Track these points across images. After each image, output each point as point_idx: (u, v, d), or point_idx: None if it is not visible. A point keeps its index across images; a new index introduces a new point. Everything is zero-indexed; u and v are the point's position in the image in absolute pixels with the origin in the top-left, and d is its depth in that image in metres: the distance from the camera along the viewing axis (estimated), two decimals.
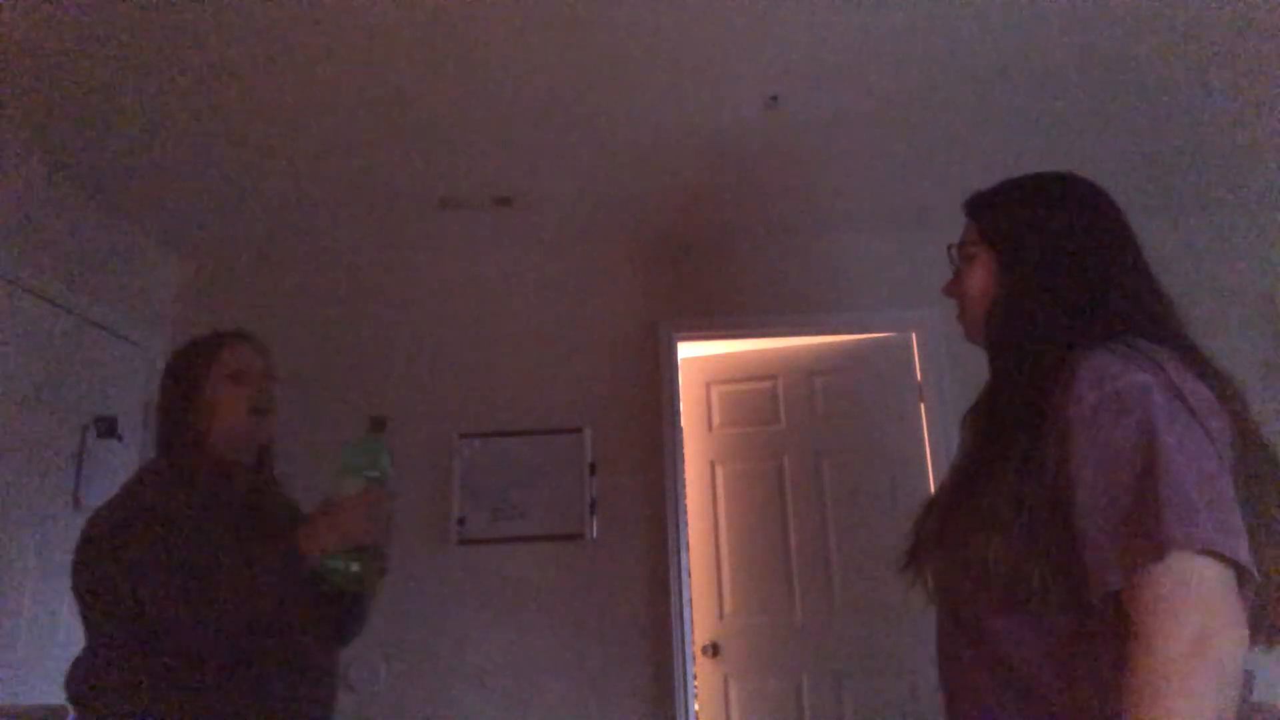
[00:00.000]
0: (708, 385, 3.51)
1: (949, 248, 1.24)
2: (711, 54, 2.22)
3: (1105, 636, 0.92)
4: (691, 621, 3.25)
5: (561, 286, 3.39)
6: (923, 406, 3.27)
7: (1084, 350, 1.00)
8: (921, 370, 3.29)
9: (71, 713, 1.47)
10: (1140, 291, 1.08)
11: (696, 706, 3.24)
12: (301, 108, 2.39)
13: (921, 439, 3.25)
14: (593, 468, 3.17)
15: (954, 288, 1.23)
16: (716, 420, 3.48)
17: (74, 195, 2.77)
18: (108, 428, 2.83)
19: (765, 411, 3.44)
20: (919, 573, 1.17)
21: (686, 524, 3.24)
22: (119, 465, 2.96)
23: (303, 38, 2.10)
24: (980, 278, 1.17)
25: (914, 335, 3.32)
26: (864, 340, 3.41)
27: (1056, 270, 1.09)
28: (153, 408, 1.63)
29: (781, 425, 3.43)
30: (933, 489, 3.16)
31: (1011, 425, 1.01)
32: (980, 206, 1.20)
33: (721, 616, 3.33)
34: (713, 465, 3.44)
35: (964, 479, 1.07)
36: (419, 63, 2.21)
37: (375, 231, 3.17)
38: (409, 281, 3.36)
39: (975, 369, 3.70)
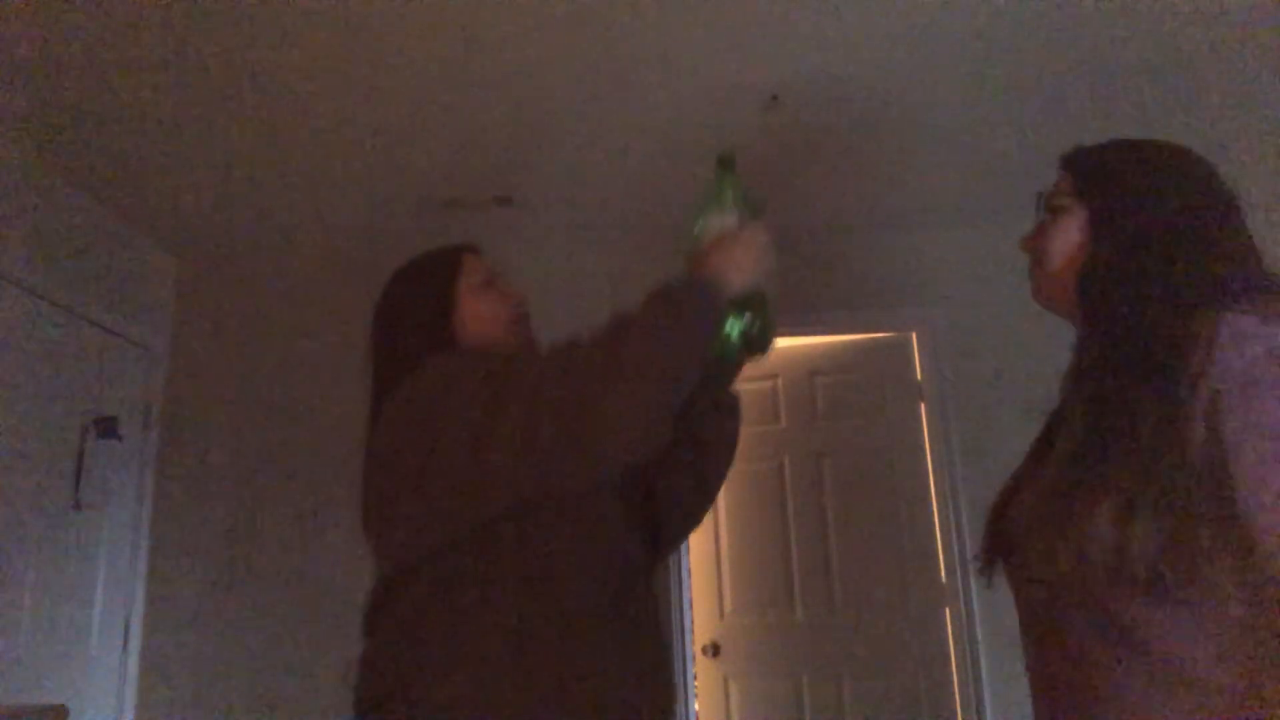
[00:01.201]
0: None
1: (1038, 195, 1.13)
2: (712, 53, 2.22)
3: (1271, 620, 0.85)
4: (691, 621, 3.25)
5: (561, 286, 3.38)
6: (923, 406, 3.27)
7: (1215, 311, 0.91)
8: (921, 370, 3.29)
9: (71, 712, 1.36)
10: (1252, 256, 1.01)
11: (696, 706, 3.24)
12: (301, 107, 2.39)
13: (921, 439, 3.24)
14: None
15: (1034, 242, 1.13)
16: None
17: (74, 195, 2.77)
18: (108, 428, 2.83)
19: (765, 411, 3.44)
20: (1009, 566, 1.07)
21: None
22: (119, 465, 2.97)
23: (303, 38, 2.10)
24: (1068, 233, 1.08)
25: (914, 335, 3.32)
26: (864, 340, 3.41)
27: (1164, 229, 1.01)
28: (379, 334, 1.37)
29: (781, 425, 3.43)
30: (933, 489, 3.17)
31: (1139, 395, 0.92)
32: (1079, 158, 1.12)
33: (721, 616, 3.33)
34: None
35: (1080, 456, 0.96)
36: (419, 62, 2.21)
37: (375, 231, 3.17)
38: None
39: (975, 369, 3.65)
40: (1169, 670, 0.89)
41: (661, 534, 1.39)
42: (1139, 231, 1.01)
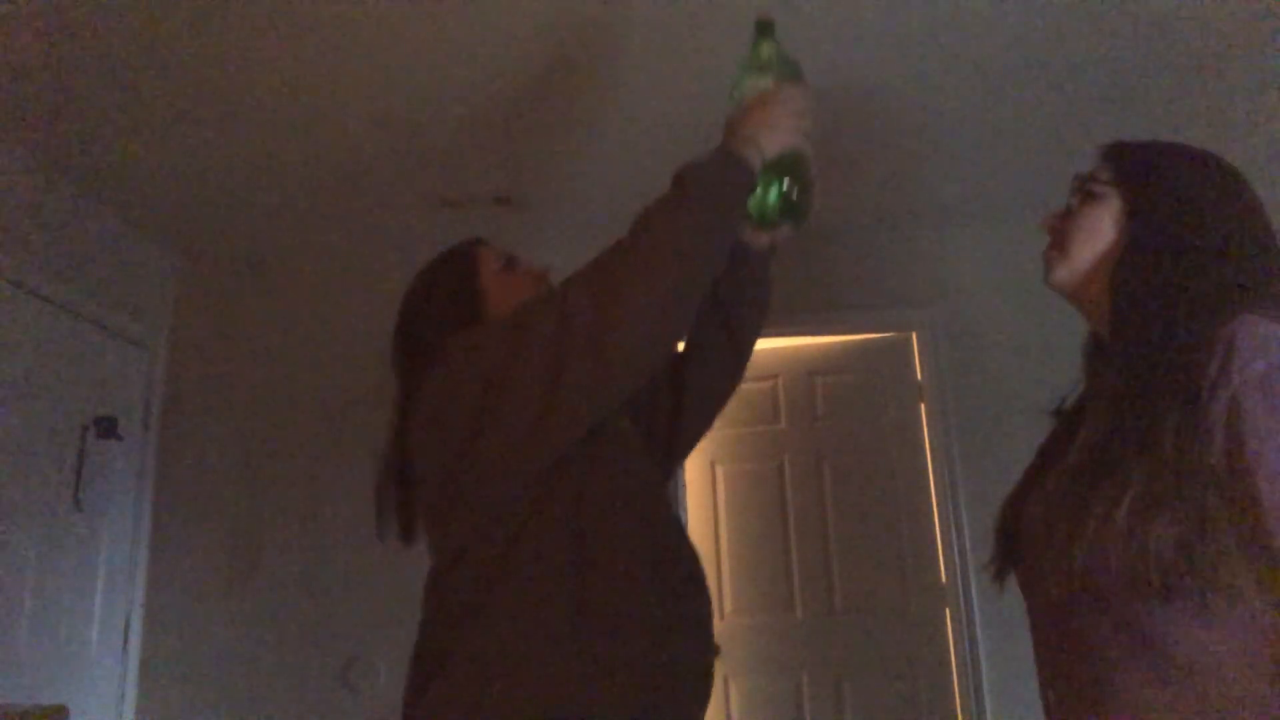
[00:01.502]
0: None
1: (1075, 176, 1.13)
2: (714, 53, 2.22)
3: None
4: None
5: None
6: (923, 407, 3.26)
7: (1231, 315, 0.92)
8: (921, 370, 3.29)
9: (71, 712, 1.34)
10: (1275, 260, 1.02)
11: None
12: (301, 107, 2.39)
13: (922, 439, 3.24)
14: None
15: (1060, 222, 1.13)
16: (716, 420, 3.47)
17: (74, 195, 2.77)
18: (108, 428, 2.83)
19: (765, 411, 3.44)
20: (1021, 568, 1.08)
21: (687, 524, 3.24)
22: (119, 465, 2.97)
23: (302, 38, 2.10)
24: (1100, 221, 1.08)
25: (914, 335, 3.32)
26: (864, 340, 3.41)
27: (1190, 225, 1.02)
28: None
29: (781, 425, 3.42)
30: (933, 489, 3.17)
31: (1162, 397, 0.93)
32: (1121, 151, 1.12)
33: (721, 616, 3.33)
34: (713, 465, 3.44)
35: (1100, 456, 0.96)
36: (419, 62, 2.21)
37: (375, 231, 3.17)
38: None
39: (975, 369, 3.64)
40: (1188, 675, 0.89)
41: (683, 425, 1.39)
42: (1177, 233, 1.02)
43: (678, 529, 1.25)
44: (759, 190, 1.19)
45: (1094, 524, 0.92)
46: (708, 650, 1.19)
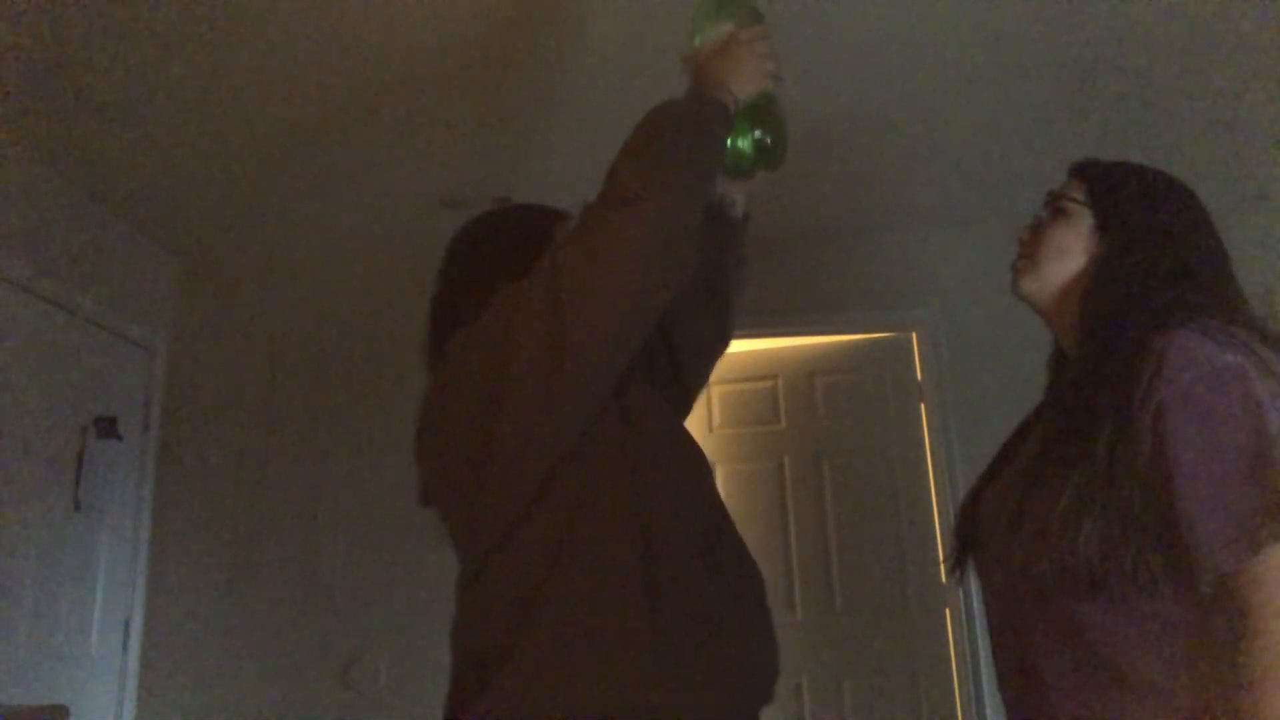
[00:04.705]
0: (708, 385, 3.51)
1: (1048, 193, 1.19)
2: None
3: (1202, 620, 0.91)
4: None
5: None
6: (923, 406, 3.26)
7: (1169, 330, 0.98)
8: (921, 370, 3.29)
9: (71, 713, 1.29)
10: (1226, 281, 1.09)
11: None
12: (302, 108, 2.39)
13: (921, 439, 3.24)
14: None
15: (1032, 235, 1.18)
16: (716, 420, 3.48)
17: (74, 195, 2.77)
18: (108, 428, 2.83)
19: (765, 411, 3.44)
20: (976, 560, 1.14)
21: None
22: (119, 465, 2.97)
23: (303, 38, 2.10)
24: (1069, 235, 1.14)
25: (914, 335, 3.32)
26: (864, 340, 3.41)
27: (1156, 248, 1.07)
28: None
29: (781, 425, 3.42)
30: (933, 489, 3.17)
31: (1100, 404, 0.99)
32: (1093, 170, 1.17)
33: None
34: (713, 465, 3.44)
35: (1044, 458, 1.03)
36: (419, 62, 2.21)
37: (375, 231, 3.17)
38: (409, 281, 3.34)
39: (975, 369, 3.63)
40: (1109, 665, 0.95)
41: (684, 380, 1.34)
42: (1143, 256, 1.08)
43: (724, 509, 1.19)
44: (732, 139, 1.15)
45: (1032, 521, 0.98)
46: (773, 637, 1.14)
